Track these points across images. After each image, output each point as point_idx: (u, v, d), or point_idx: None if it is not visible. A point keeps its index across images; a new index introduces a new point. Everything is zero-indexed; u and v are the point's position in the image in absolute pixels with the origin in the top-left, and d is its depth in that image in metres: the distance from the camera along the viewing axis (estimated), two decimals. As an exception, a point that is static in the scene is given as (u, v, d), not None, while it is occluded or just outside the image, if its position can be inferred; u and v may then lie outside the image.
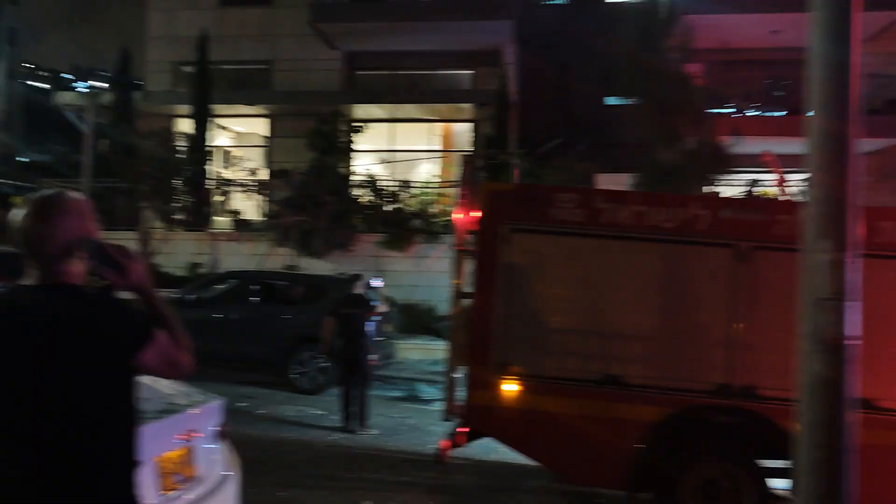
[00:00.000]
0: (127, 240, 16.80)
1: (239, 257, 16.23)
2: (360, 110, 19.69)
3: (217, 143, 19.22)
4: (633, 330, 5.32)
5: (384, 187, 16.02)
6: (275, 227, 15.59)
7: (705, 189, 13.90)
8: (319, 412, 9.31)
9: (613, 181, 15.07)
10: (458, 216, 5.75)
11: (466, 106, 19.77)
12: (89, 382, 2.09)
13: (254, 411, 9.18)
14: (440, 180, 19.23)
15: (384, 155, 20.19)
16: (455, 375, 5.72)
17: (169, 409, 3.47)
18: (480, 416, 5.44)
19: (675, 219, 5.29)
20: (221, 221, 17.64)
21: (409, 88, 20.94)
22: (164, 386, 3.67)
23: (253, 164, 18.35)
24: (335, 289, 11.03)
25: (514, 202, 5.46)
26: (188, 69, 19.96)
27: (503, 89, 17.18)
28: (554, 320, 5.40)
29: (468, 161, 6.18)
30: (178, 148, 16.31)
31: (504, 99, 17.00)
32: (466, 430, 5.53)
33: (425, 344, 13.89)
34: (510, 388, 5.35)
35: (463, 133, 21.18)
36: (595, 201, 5.38)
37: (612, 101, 20.74)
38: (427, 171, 20.20)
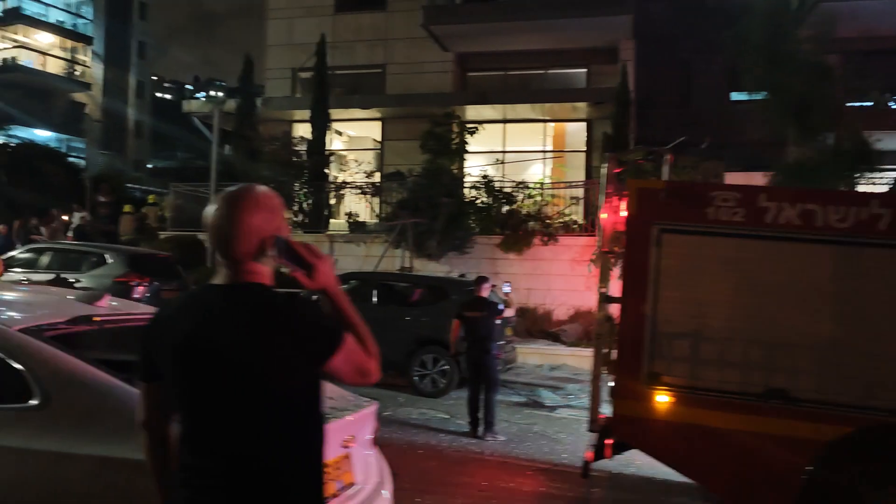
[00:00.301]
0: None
1: (354, 259, 16.45)
2: (473, 111, 19.60)
3: (331, 146, 19.60)
4: (801, 340, 4.87)
5: (500, 188, 15.80)
6: (391, 228, 15.69)
7: (845, 188, 12.93)
8: (443, 416, 9.19)
9: (745, 180, 14.27)
10: (603, 216, 5.46)
11: (581, 105, 19.33)
12: (278, 388, 1.97)
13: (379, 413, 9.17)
14: (554, 181, 18.88)
15: (497, 156, 20.06)
16: (600, 384, 5.43)
17: (331, 414, 3.38)
18: (630, 427, 5.13)
19: (850, 218, 4.80)
20: (337, 223, 17.97)
21: (522, 88, 20.72)
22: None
23: (367, 167, 18.64)
24: (456, 291, 10.94)
25: (665, 201, 5.11)
26: (305, 75, 20.51)
27: (624, 86, 16.64)
28: (711, 328, 5.01)
29: (613, 158, 5.86)
30: (297, 152, 16.71)
31: (625, 96, 16.45)
32: (612, 441, 5.24)
33: (543, 348, 13.61)
34: (663, 399, 5.01)
35: (575, 133, 20.75)
36: (758, 199, 4.96)
37: (738, 96, 19.81)
38: (539, 172, 19.91)
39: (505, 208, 15.70)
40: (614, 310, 5.33)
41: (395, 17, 21.35)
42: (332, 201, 17.60)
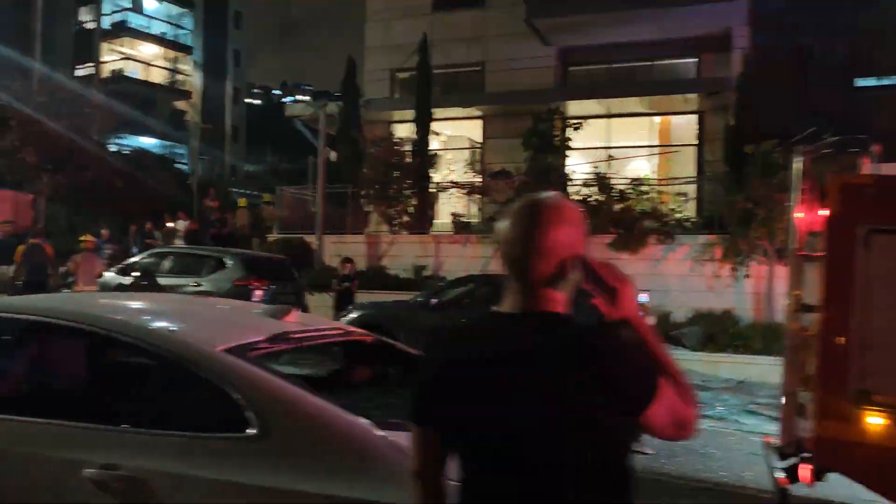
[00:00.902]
0: (356, 243, 17.47)
1: (460, 259, 16.21)
2: (575, 107, 19.04)
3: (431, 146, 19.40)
4: None
5: (613, 185, 15.20)
6: (499, 228, 15.32)
7: None
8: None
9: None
10: (798, 216, 4.91)
11: (692, 96, 18.48)
12: (584, 439, 1.62)
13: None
14: (661, 177, 18.10)
15: (599, 153, 19.41)
16: (794, 401, 4.88)
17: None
18: (833, 451, 4.57)
19: None
20: (440, 224, 17.77)
21: (627, 81, 19.99)
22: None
23: (468, 167, 18.32)
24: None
25: (874, 198, 4.52)
26: (404, 75, 20.40)
27: (744, 74, 15.70)
28: (933, 341, 4.40)
29: (808, 151, 5.29)
30: (401, 152, 16.59)
31: (744, 85, 15.54)
32: (812, 466, 4.68)
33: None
34: (876, 421, 4.43)
35: (683, 126, 19.87)
36: None
37: (864, 82, 18.51)
38: (645, 168, 19.14)
39: (618, 206, 15.06)
40: (809, 319, 4.78)
41: (493, 14, 20.98)
42: (437, 202, 17.40)
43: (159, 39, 47.92)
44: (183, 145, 41.82)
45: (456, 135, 21.63)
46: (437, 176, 17.56)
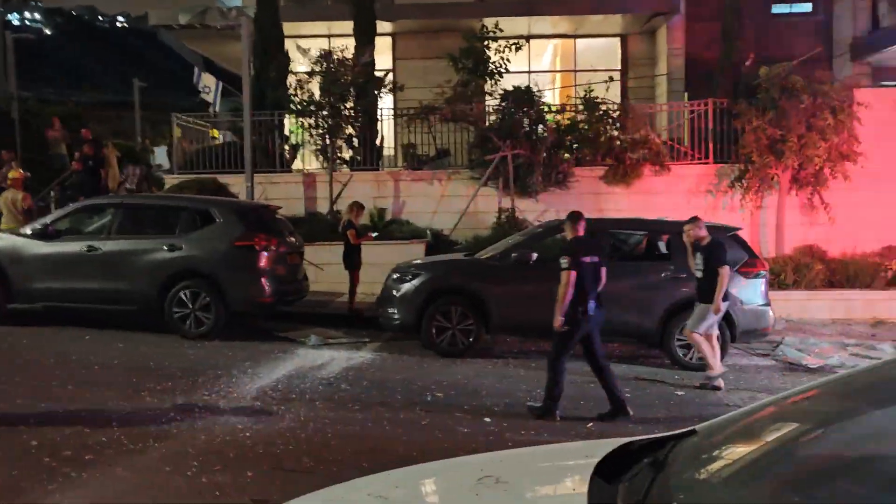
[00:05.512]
0: (289, 183, 14.32)
1: (427, 200, 13.95)
2: (508, 25, 17.10)
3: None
4: None
5: (607, 109, 13.72)
6: (485, 163, 13.27)
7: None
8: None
9: None
10: None
11: (615, 17, 17.48)
12: None
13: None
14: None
15: (524, 77, 17.77)
16: None
17: None
18: None
19: None
20: (388, 158, 15.24)
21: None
22: None
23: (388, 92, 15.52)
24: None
25: None
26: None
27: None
28: None
29: None
30: (354, 71, 13.59)
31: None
32: None
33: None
34: None
35: (605, 48, 18.92)
36: None
37: (779, 9, 18.75)
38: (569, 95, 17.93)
39: (609, 134, 13.69)
40: None
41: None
42: (385, 132, 14.79)
43: None
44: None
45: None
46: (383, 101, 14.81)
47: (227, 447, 5.20)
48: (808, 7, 18.60)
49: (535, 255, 8.63)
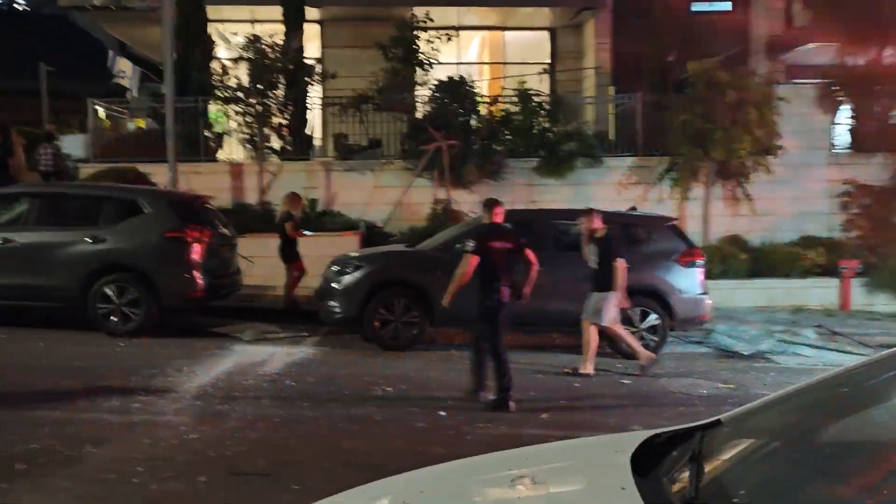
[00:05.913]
0: (214, 173, 13.75)
1: (361, 192, 13.65)
2: (439, 15, 16.97)
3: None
4: None
5: (541, 102, 13.77)
6: (420, 153, 13.10)
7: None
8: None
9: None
10: None
11: (543, 10, 17.64)
12: None
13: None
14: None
15: (455, 69, 17.69)
16: None
17: None
18: None
19: None
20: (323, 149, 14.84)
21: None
22: None
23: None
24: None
25: None
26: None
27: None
28: None
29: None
30: (284, 57, 13.14)
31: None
32: None
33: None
34: None
35: (534, 43, 19.06)
36: None
37: (699, 7, 19.30)
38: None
39: (541, 126, 13.76)
40: None
41: None
42: (317, 121, 14.40)
43: None
44: None
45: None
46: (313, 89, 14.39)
47: (174, 451, 4.89)
48: (728, 6, 19.27)
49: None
